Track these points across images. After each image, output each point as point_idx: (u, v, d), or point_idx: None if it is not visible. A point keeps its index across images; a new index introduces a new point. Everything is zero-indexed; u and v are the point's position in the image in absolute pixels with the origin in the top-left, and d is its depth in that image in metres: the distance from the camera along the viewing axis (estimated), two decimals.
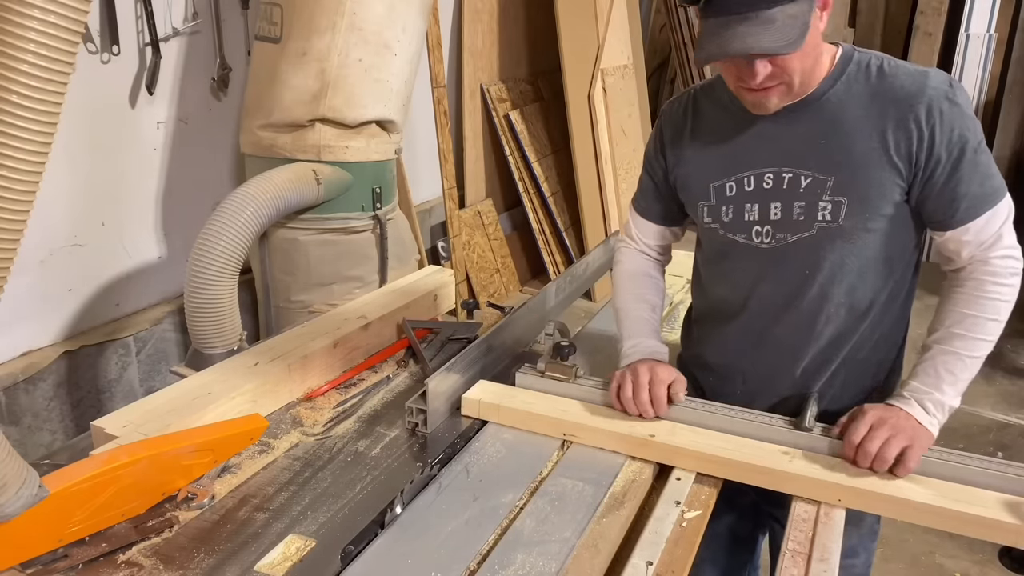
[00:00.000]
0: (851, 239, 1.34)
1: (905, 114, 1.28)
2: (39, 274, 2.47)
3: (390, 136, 2.76)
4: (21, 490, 1.03)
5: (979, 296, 1.30)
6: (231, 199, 2.28)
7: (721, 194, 1.41)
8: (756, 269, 1.43)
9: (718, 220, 1.43)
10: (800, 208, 1.35)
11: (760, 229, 1.39)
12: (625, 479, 1.32)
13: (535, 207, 4.72)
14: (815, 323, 1.41)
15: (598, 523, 1.20)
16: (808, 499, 1.26)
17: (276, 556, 1.12)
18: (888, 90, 1.30)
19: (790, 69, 1.25)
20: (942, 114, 1.26)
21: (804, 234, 1.36)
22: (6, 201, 0.91)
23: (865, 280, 1.38)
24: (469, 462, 1.35)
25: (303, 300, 2.69)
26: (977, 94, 5.59)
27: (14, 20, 0.86)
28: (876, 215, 1.33)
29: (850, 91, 1.32)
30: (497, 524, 1.19)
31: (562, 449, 1.41)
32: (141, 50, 2.64)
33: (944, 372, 1.30)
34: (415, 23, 2.71)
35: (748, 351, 1.48)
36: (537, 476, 1.32)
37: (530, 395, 1.49)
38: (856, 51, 1.35)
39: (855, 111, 1.31)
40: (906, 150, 1.28)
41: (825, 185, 1.32)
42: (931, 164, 1.28)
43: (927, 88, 1.27)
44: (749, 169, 1.38)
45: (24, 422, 2.45)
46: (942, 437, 1.30)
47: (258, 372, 1.55)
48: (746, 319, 1.46)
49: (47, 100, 0.91)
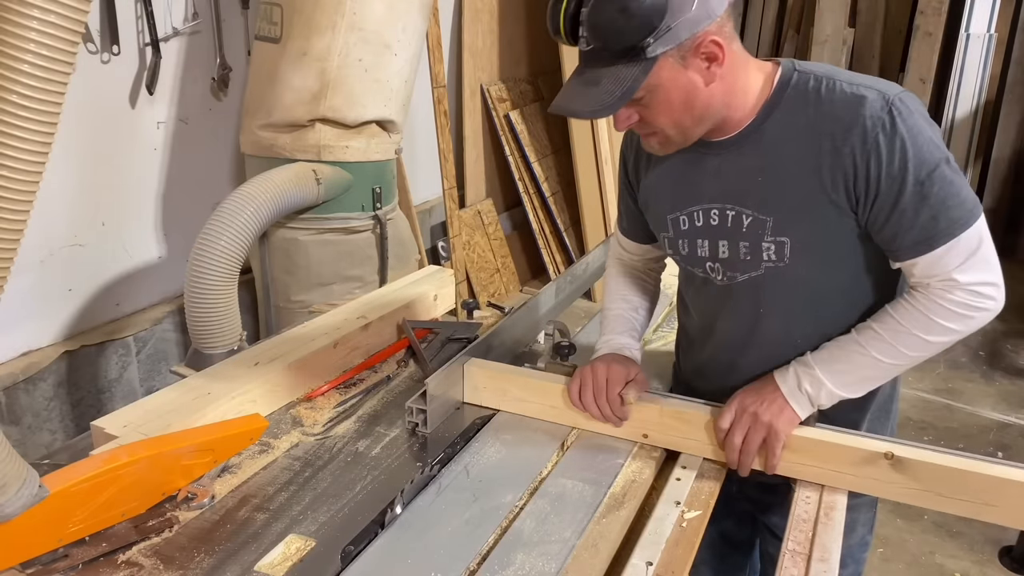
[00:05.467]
0: (804, 277, 1.27)
1: (839, 148, 1.17)
2: (39, 274, 2.47)
3: (390, 136, 2.76)
4: (21, 490, 1.03)
5: (919, 312, 1.20)
6: (231, 199, 2.28)
7: (676, 227, 1.36)
8: (715, 304, 1.39)
9: (677, 253, 1.39)
10: (745, 248, 1.28)
11: (713, 265, 1.34)
12: (625, 479, 1.31)
13: (535, 207, 4.72)
14: (783, 354, 1.33)
15: (598, 523, 1.20)
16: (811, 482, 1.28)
17: (276, 556, 1.12)
18: (822, 121, 1.19)
19: (656, 123, 1.21)
20: (878, 146, 1.15)
21: (752, 273, 1.30)
22: (6, 201, 0.91)
23: (833, 308, 1.30)
24: (469, 462, 1.35)
25: (303, 300, 2.69)
26: (977, 94, 5.58)
27: (14, 20, 0.86)
28: (826, 253, 1.25)
29: (787, 121, 1.22)
30: (497, 524, 1.19)
31: (562, 450, 1.40)
32: (141, 50, 2.64)
33: (840, 357, 1.25)
34: (415, 23, 2.71)
35: (724, 377, 1.41)
36: (537, 476, 1.32)
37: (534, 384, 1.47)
38: (796, 71, 1.24)
39: (792, 145, 1.21)
40: (843, 187, 1.19)
41: (765, 225, 1.25)
42: (870, 199, 1.18)
43: (862, 117, 1.16)
44: (696, 204, 1.32)
45: (24, 422, 2.45)
46: (942, 437, 1.30)
47: (258, 372, 1.55)
48: (714, 349, 1.43)
49: (47, 100, 0.90)
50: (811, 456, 1.27)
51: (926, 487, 1.20)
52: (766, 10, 6.31)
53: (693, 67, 1.16)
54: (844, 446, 1.25)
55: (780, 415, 1.25)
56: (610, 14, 1.09)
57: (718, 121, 1.23)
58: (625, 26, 1.09)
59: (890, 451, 1.21)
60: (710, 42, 1.14)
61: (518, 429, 1.45)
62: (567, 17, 1.14)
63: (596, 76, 1.14)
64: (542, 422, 1.46)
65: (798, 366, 1.28)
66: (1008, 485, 1.16)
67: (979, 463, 1.19)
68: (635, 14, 1.08)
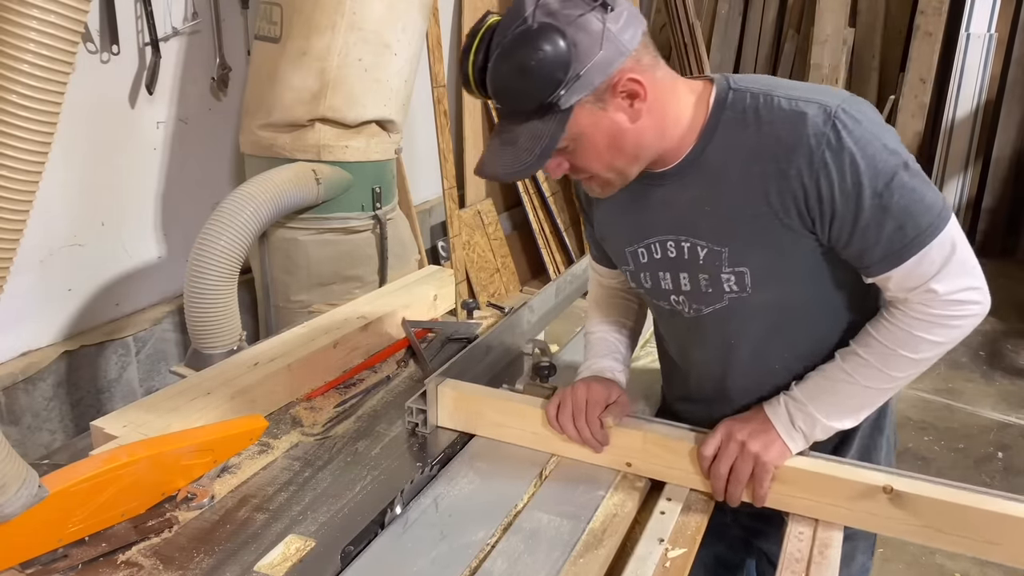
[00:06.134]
0: (771, 303, 1.21)
1: (785, 171, 1.09)
2: (39, 274, 2.47)
3: (390, 136, 2.76)
4: (21, 490, 1.03)
5: (901, 328, 1.13)
6: (231, 199, 2.28)
7: (636, 260, 1.30)
8: (687, 336, 1.34)
9: (640, 287, 1.33)
10: (706, 280, 1.22)
11: (677, 299, 1.28)
12: (606, 513, 1.22)
13: (535, 207, 4.72)
14: (762, 381, 1.28)
15: (575, 564, 1.11)
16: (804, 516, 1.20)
17: (276, 556, 1.12)
18: (764, 144, 1.11)
19: (589, 169, 1.15)
20: (826, 165, 1.07)
21: (717, 305, 1.23)
22: (6, 201, 0.91)
23: (808, 329, 1.24)
24: (439, 494, 1.26)
25: (303, 300, 2.69)
26: (977, 94, 5.58)
27: (14, 20, 0.86)
28: (790, 277, 1.18)
29: (728, 145, 1.14)
30: (466, 565, 1.10)
31: (540, 479, 1.31)
32: (141, 50, 2.64)
33: (828, 388, 1.19)
34: (415, 23, 2.71)
35: (709, 404, 1.36)
36: (511, 510, 1.23)
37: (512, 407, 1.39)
38: (731, 89, 1.15)
39: (736, 172, 1.14)
40: (796, 211, 1.11)
41: (721, 256, 1.18)
42: (827, 219, 1.11)
43: (804, 136, 1.07)
44: (652, 236, 1.25)
45: (24, 422, 2.45)
46: (942, 438, 1.29)
47: (258, 372, 1.54)
48: (695, 379, 1.38)
49: (47, 100, 0.90)
50: (803, 488, 1.19)
51: (926, 523, 1.13)
52: (766, 10, 6.31)
53: (614, 108, 1.09)
54: (839, 478, 1.17)
55: (770, 446, 1.19)
56: (510, 77, 1.03)
57: (656, 154, 1.17)
58: (528, 87, 1.03)
59: (889, 485, 1.13)
60: (628, 80, 1.07)
61: (494, 456, 1.36)
62: (476, 72, 1.07)
63: (514, 134, 1.08)
64: (520, 448, 1.37)
65: (789, 402, 1.21)
66: (1013, 522, 1.09)
67: (983, 498, 1.12)
68: (536, 73, 1.01)
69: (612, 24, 1.04)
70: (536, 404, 1.37)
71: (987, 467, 3.22)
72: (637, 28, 1.07)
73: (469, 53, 1.07)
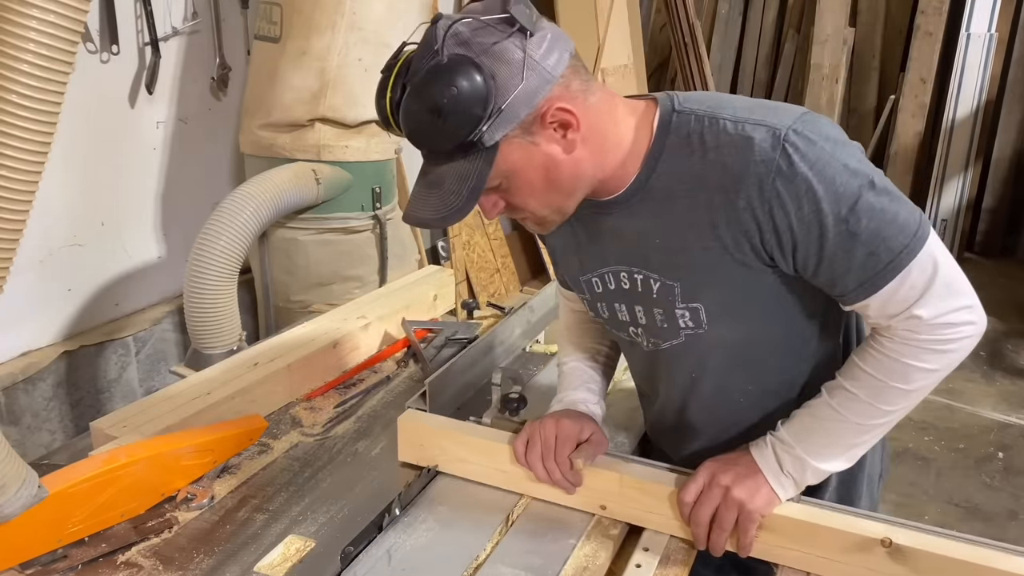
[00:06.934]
0: (729, 339, 1.13)
1: (734, 202, 1.00)
2: (39, 274, 2.47)
3: (390, 136, 2.76)
4: (20, 490, 1.03)
5: (889, 358, 1.02)
6: (230, 199, 2.28)
7: (591, 290, 1.22)
8: (648, 368, 1.27)
9: (599, 316, 1.25)
10: (660, 315, 1.14)
11: (635, 331, 1.20)
12: (575, 566, 1.10)
13: None
14: (724, 415, 1.22)
15: None
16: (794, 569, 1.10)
17: (276, 556, 1.11)
18: (710, 172, 1.02)
19: (526, 208, 1.06)
20: (778, 194, 0.97)
21: (673, 341, 1.16)
22: (6, 201, 0.91)
23: (773, 363, 1.17)
24: (393, 544, 1.14)
25: (303, 300, 2.69)
26: (978, 94, 5.58)
27: (14, 20, 0.86)
28: (747, 312, 1.10)
29: (673, 173, 1.05)
30: None
31: (506, 524, 1.20)
32: (141, 50, 2.64)
33: (817, 428, 1.09)
34: (415, 23, 2.70)
35: (676, 435, 1.30)
36: (472, 562, 1.11)
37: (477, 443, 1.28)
38: (675, 111, 1.05)
39: (682, 202, 1.05)
40: (749, 246, 1.03)
41: (674, 291, 1.10)
42: (787, 252, 1.02)
43: (751, 164, 0.98)
44: (604, 266, 1.17)
45: (24, 422, 2.45)
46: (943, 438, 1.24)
47: (258, 372, 1.54)
48: (660, 408, 1.31)
49: (46, 100, 0.91)
50: (793, 539, 1.09)
51: None
52: (766, 10, 6.31)
53: (546, 140, 1.00)
54: (832, 529, 1.06)
55: (756, 493, 1.08)
56: (423, 118, 0.95)
57: (595, 184, 1.08)
58: (444, 127, 0.94)
59: (887, 537, 1.03)
60: (557, 110, 0.98)
61: (457, 498, 1.25)
62: (393, 110, 0.99)
63: (439, 176, 0.99)
64: (486, 488, 1.26)
65: (776, 443, 1.11)
66: None
67: (991, 553, 1.02)
68: (451, 112, 0.92)
69: (534, 50, 0.95)
70: (504, 439, 1.26)
71: (987, 467, 3.22)
72: (563, 51, 0.98)
73: (385, 91, 0.99)
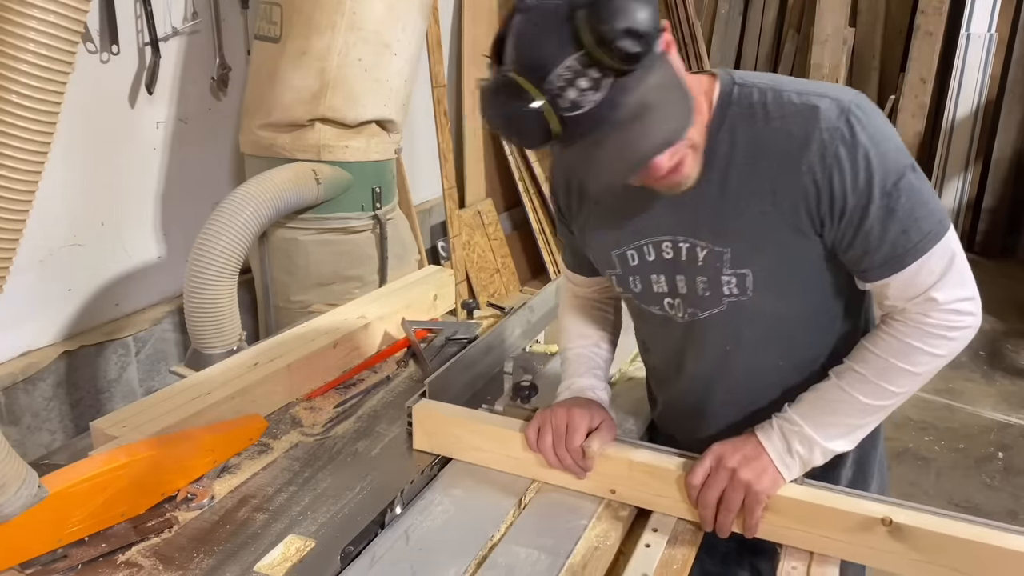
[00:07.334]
0: (770, 309, 1.17)
1: (796, 168, 1.06)
2: (39, 274, 2.47)
3: (390, 136, 2.76)
4: (20, 490, 1.03)
5: (898, 340, 1.10)
6: (231, 199, 2.28)
7: (625, 263, 1.24)
8: (678, 343, 1.27)
9: (628, 291, 1.26)
10: (704, 283, 1.17)
11: (672, 302, 1.22)
12: (587, 546, 1.15)
13: (535, 207, 4.71)
14: (754, 393, 1.25)
15: None
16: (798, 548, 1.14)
17: (276, 556, 1.11)
18: (774, 139, 1.07)
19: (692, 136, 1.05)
20: (839, 160, 1.04)
21: (714, 310, 1.18)
22: (6, 201, 0.91)
23: (803, 338, 1.21)
24: (410, 525, 1.19)
25: (303, 300, 2.69)
26: (977, 94, 5.58)
27: (14, 20, 0.86)
28: (791, 281, 1.15)
29: (734, 142, 1.09)
30: None
31: (519, 507, 1.24)
32: (141, 50, 2.64)
33: (824, 407, 1.13)
34: (415, 23, 2.71)
35: (692, 419, 1.32)
36: (487, 542, 1.15)
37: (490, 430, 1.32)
38: (736, 84, 1.10)
39: (742, 169, 1.09)
40: (805, 211, 1.08)
41: (722, 258, 1.14)
42: (835, 219, 1.07)
43: (817, 131, 1.04)
44: (646, 237, 1.19)
45: (24, 422, 2.45)
46: (943, 438, 1.26)
47: (258, 372, 1.54)
48: (681, 389, 1.32)
49: (46, 99, 0.90)
50: (797, 519, 1.13)
51: (929, 558, 1.07)
52: (766, 10, 6.31)
53: (664, 47, 0.99)
54: (835, 509, 1.11)
55: (763, 475, 1.12)
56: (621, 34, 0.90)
57: None
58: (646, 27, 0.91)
59: (888, 516, 1.07)
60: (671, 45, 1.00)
61: (471, 482, 1.29)
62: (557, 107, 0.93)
63: (638, 105, 0.94)
64: (499, 473, 1.31)
65: (783, 423, 1.14)
66: (1020, 558, 1.02)
67: (989, 531, 1.06)
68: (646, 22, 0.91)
69: None
70: (515, 427, 1.30)
71: (987, 467, 3.22)
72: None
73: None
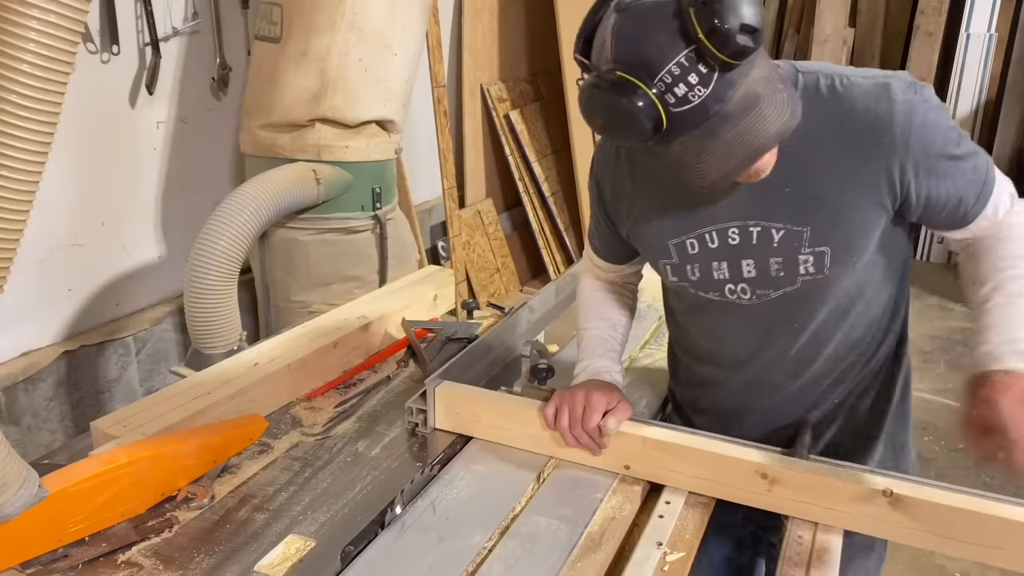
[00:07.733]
0: (842, 285, 1.22)
1: (879, 141, 1.11)
2: (39, 274, 2.47)
3: (390, 136, 2.76)
4: (20, 490, 1.03)
5: (1012, 237, 1.18)
6: (231, 199, 2.28)
7: (683, 252, 1.25)
8: (737, 325, 1.29)
9: (685, 279, 1.28)
10: (778, 264, 1.20)
11: (734, 287, 1.25)
12: (604, 516, 1.21)
13: (535, 207, 4.72)
14: (812, 368, 1.28)
15: (572, 568, 1.10)
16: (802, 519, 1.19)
17: (276, 556, 1.11)
18: (850, 119, 1.12)
19: None
20: (921, 127, 1.11)
21: (788, 288, 1.22)
22: (6, 201, 0.91)
23: (864, 314, 1.26)
24: (436, 497, 1.25)
25: (303, 300, 2.69)
26: (977, 94, 5.58)
27: (14, 20, 0.86)
28: (865, 253, 1.19)
29: (807, 126, 1.10)
30: (462, 569, 1.09)
31: (538, 482, 1.30)
32: (141, 50, 2.64)
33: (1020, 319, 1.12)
34: (415, 23, 2.71)
35: (740, 398, 1.35)
36: (509, 513, 1.22)
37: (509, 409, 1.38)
38: (799, 72, 1.15)
39: (819, 151, 1.14)
40: (888, 181, 1.13)
41: (802, 237, 1.17)
42: (919, 182, 1.14)
43: (894, 104, 1.10)
44: (709, 224, 1.22)
45: (24, 422, 2.45)
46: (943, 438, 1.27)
47: (258, 372, 1.54)
48: (734, 370, 1.34)
49: (47, 100, 0.91)
50: (802, 492, 1.18)
51: (927, 527, 1.12)
52: (766, 10, 6.31)
53: None
54: (838, 481, 1.16)
55: None
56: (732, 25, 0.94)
57: None
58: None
59: (888, 488, 1.12)
60: None
61: (492, 459, 1.35)
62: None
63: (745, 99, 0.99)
64: (518, 451, 1.36)
65: (1005, 349, 1.09)
66: (1016, 527, 1.07)
67: (985, 502, 1.11)
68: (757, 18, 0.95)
69: None
70: (534, 406, 1.36)
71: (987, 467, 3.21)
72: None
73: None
